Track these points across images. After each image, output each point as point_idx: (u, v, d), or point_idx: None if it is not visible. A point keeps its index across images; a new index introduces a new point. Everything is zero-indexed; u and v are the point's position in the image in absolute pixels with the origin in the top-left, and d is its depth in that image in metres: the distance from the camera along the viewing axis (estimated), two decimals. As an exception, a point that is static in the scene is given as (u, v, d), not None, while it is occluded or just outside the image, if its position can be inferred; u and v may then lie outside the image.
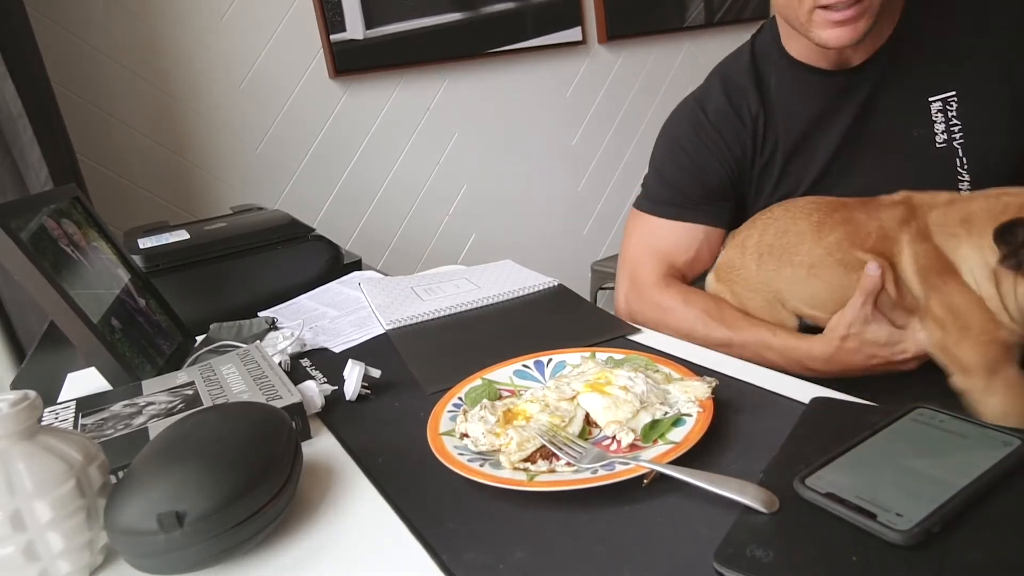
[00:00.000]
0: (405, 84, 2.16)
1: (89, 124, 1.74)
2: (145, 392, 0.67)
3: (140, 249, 1.03)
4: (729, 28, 2.83)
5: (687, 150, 0.91)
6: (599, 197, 2.67)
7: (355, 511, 0.51)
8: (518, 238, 2.50)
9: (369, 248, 2.17)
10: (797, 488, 0.42)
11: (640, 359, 0.63)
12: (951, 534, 0.38)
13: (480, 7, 2.20)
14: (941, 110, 0.79)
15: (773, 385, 0.60)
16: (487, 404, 0.57)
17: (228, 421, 0.50)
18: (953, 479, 0.41)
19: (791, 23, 0.79)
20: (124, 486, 0.45)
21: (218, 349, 0.84)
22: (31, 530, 0.42)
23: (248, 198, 1.95)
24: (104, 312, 0.77)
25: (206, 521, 0.43)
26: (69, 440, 0.46)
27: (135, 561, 0.44)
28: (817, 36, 0.75)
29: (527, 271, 1.01)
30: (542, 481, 0.48)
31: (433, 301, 0.92)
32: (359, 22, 2.01)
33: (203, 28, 1.83)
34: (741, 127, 0.88)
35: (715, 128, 0.88)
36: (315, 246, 1.13)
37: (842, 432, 0.47)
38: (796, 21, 0.77)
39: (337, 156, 2.10)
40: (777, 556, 0.38)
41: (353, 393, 0.67)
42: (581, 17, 2.41)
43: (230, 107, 1.91)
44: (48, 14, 1.65)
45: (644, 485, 0.47)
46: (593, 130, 2.59)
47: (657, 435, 0.52)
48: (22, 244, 0.70)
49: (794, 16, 0.76)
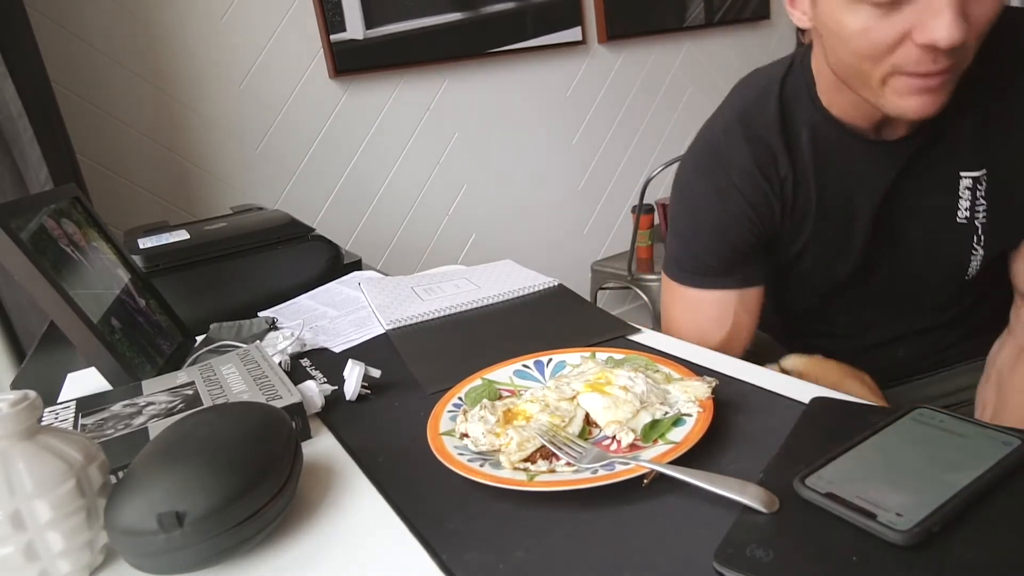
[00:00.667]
0: (405, 84, 2.16)
1: (89, 124, 1.74)
2: (145, 392, 0.67)
3: (140, 249, 1.03)
4: (729, 28, 2.84)
5: (710, 218, 0.82)
6: (599, 197, 2.67)
7: (355, 511, 0.51)
8: (518, 238, 2.50)
9: (369, 248, 2.17)
10: (797, 488, 0.42)
11: (640, 359, 0.63)
12: (951, 534, 0.38)
13: (480, 7, 2.20)
14: (970, 187, 0.74)
15: (773, 385, 0.60)
16: (487, 404, 0.57)
17: (228, 421, 0.50)
18: (953, 479, 0.41)
19: (852, 83, 0.68)
20: (124, 486, 0.45)
21: (218, 349, 0.84)
22: (31, 530, 0.42)
23: (248, 198, 1.95)
24: (104, 312, 0.77)
25: (206, 521, 0.43)
26: (69, 440, 0.46)
27: (135, 561, 0.44)
28: (892, 104, 0.65)
29: (527, 271, 1.01)
30: (542, 481, 0.48)
31: (433, 301, 0.92)
32: (359, 22, 2.01)
33: (203, 28, 1.83)
34: (768, 189, 0.78)
35: (740, 192, 0.79)
36: (315, 246, 1.13)
37: (842, 432, 0.47)
38: (863, 84, 0.66)
39: (337, 156, 2.10)
40: (777, 556, 0.38)
41: (353, 393, 0.67)
42: (581, 17, 2.41)
43: (230, 107, 1.91)
44: (48, 14, 1.65)
45: (644, 485, 0.47)
46: (593, 130, 2.59)
47: (657, 435, 0.52)
48: (22, 244, 0.70)
49: (861, 78, 0.65)
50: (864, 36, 0.61)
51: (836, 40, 0.65)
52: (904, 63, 0.61)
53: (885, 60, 0.62)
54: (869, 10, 0.60)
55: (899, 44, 0.60)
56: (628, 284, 2.39)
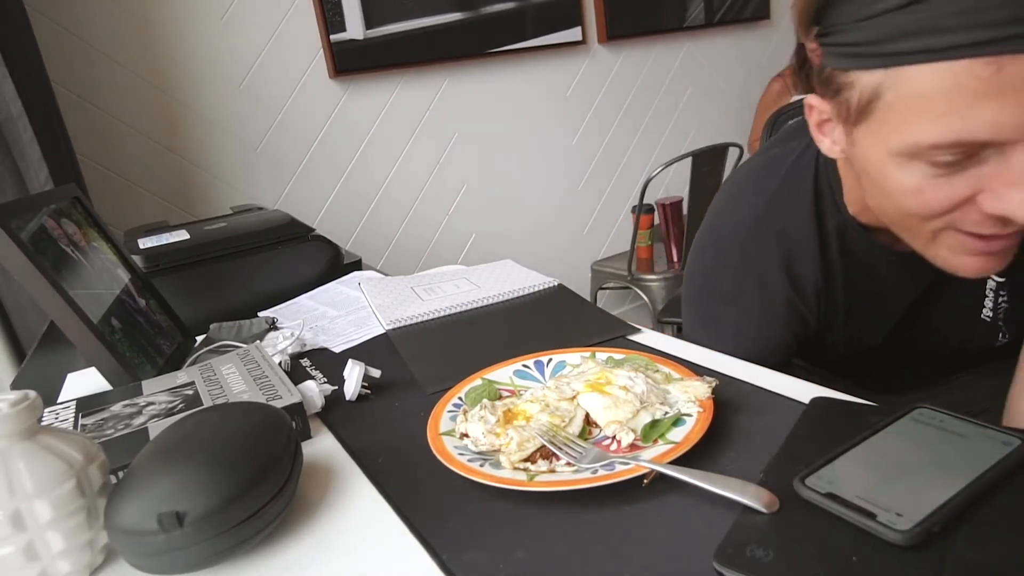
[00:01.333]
0: (405, 84, 2.16)
1: (89, 124, 1.74)
2: (145, 392, 0.67)
3: (140, 249, 1.03)
4: (729, 28, 2.84)
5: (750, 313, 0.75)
6: (599, 197, 2.67)
7: (355, 511, 0.51)
8: (518, 238, 2.50)
9: (369, 248, 2.17)
10: (797, 488, 0.42)
11: (640, 359, 0.63)
12: (951, 534, 0.38)
13: (480, 7, 2.20)
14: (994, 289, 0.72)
15: (773, 385, 0.60)
16: (487, 404, 0.57)
17: (228, 421, 0.50)
18: (953, 479, 0.41)
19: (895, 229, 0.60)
20: (124, 486, 0.45)
21: (218, 349, 0.84)
22: (31, 530, 0.42)
23: (248, 198, 1.95)
24: (104, 312, 0.77)
25: (206, 521, 0.43)
26: (69, 440, 0.46)
27: (135, 561, 0.44)
28: (944, 260, 0.56)
29: (527, 271, 1.01)
30: (542, 481, 0.48)
31: (433, 301, 0.92)
32: (359, 22, 2.01)
33: (203, 28, 1.84)
34: (801, 304, 0.73)
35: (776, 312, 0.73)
36: (315, 246, 1.13)
37: (842, 432, 0.47)
38: (908, 234, 0.58)
39: (337, 156, 2.10)
40: (777, 556, 0.38)
41: (353, 393, 0.67)
42: (581, 17, 2.41)
43: (230, 107, 1.91)
44: (48, 14, 1.65)
45: (644, 485, 0.47)
46: (593, 130, 2.59)
47: (657, 435, 0.52)
48: (22, 244, 0.70)
49: (906, 230, 0.57)
50: (917, 196, 0.52)
51: (879, 191, 0.56)
52: (964, 223, 0.52)
53: (940, 219, 0.53)
54: (926, 169, 0.50)
55: (960, 207, 0.51)
56: (628, 284, 2.39)
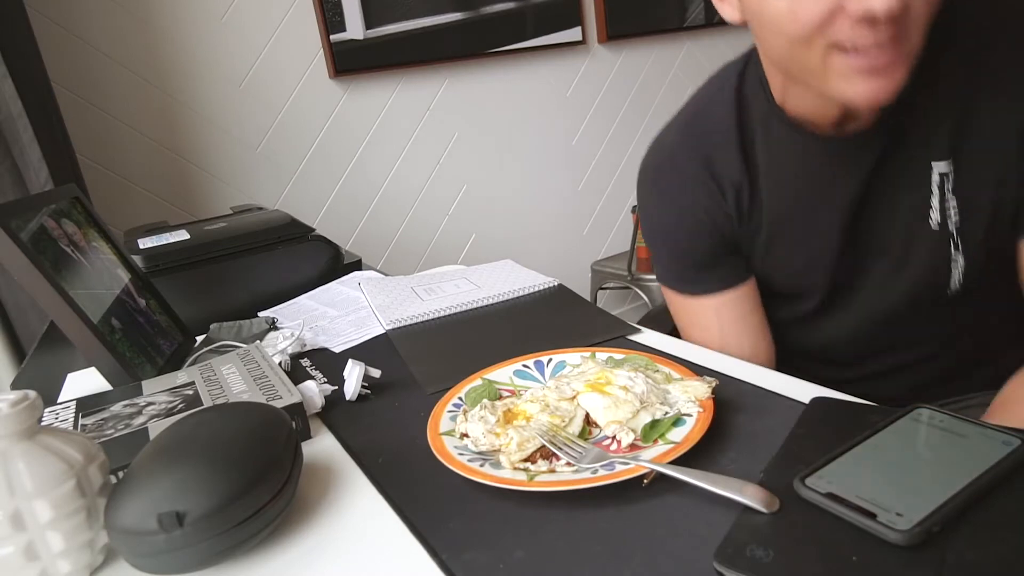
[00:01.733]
0: (405, 84, 2.16)
1: (89, 124, 1.74)
2: (145, 392, 0.67)
3: (140, 249, 1.03)
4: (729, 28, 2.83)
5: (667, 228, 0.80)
6: (599, 197, 2.67)
7: (355, 511, 0.51)
8: (518, 238, 2.50)
9: (369, 248, 2.17)
10: (797, 488, 0.42)
11: (640, 359, 0.63)
12: (951, 534, 0.38)
13: (480, 7, 2.20)
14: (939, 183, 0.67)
15: (773, 385, 0.60)
16: (487, 404, 0.57)
17: (228, 421, 0.50)
18: (953, 479, 0.41)
19: (795, 74, 0.62)
20: (124, 486, 0.45)
21: (218, 349, 0.84)
22: (31, 530, 0.42)
23: (248, 198, 1.95)
24: (104, 312, 0.77)
25: (206, 521, 0.43)
26: (69, 440, 0.46)
27: (135, 561, 0.44)
28: (839, 91, 0.58)
29: (527, 271, 1.01)
30: (542, 481, 0.48)
31: (433, 301, 0.92)
32: (359, 22, 2.01)
33: (203, 28, 1.83)
34: (721, 198, 0.74)
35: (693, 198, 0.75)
36: (315, 246, 1.13)
37: (842, 432, 0.47)
38: (805, 71, 0.59)
39: (337, 156, 2.10)
40: (777, 556, 0.38)
41: (353, 393, 0.67)
42: (581, 17, 2.41)
43: (230, 107, 1.91)
44: (48, 14, 1.65)
45: (644, 485, 0.47)
46: (593, 130, 2.59)
47: (657, 435, 0.52)
48: (22, 244, 0.70)
49: (800, 65, 0.59)
50: (791, 17, 0.55)
51: (765, 28, 0.60)
52: (840, 38, 0.54)
53: (818, 39, 0.55)
54: None
55: (831, 20, 0.54)
56: (628, 284, 2.39)
